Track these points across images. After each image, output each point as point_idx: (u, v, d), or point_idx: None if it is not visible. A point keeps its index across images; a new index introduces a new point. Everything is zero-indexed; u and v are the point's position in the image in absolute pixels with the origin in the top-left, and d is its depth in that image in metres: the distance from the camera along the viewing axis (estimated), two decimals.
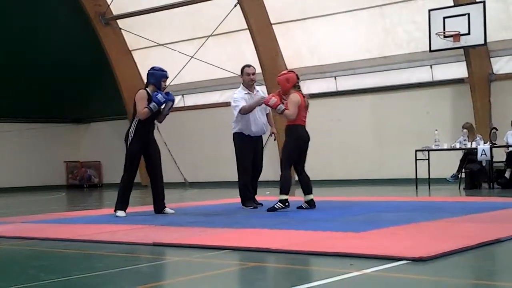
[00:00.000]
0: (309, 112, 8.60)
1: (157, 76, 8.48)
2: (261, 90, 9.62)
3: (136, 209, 9.39)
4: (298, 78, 8.53)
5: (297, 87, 8.50)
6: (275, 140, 9.85)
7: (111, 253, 5.30)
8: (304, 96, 8.48)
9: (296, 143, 8.40)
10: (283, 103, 8.34)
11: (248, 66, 9.41)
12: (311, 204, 8.48)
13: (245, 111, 9.11)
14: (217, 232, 6.32)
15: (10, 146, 21.57)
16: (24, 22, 19.73)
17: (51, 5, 20.20)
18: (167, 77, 8.60)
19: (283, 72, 8.72)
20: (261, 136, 9.44)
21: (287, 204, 8.26)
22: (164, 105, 8.50)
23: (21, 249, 5.88)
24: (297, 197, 13.00)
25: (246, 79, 9.27)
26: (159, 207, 8.61)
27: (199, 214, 8.59)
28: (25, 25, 19.77)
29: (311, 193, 8.52)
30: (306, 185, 8.54)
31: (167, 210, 8.61)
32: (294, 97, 8.34)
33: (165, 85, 8.58)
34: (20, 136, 21.96)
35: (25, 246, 6.02)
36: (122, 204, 8.45)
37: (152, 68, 8.63)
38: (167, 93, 8.55)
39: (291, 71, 8.71)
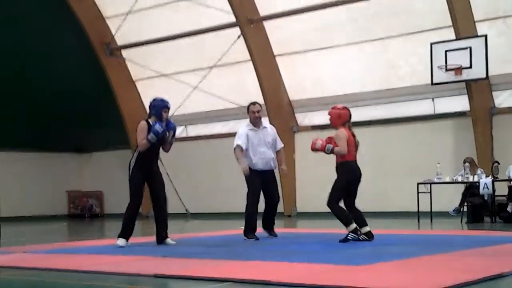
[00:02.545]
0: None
1: (158, 107, 8.51)
2: (270, 127, 9.73)
3: (138, 240, 9.37)
4: (350, 117, 8.43)
5: (346, 125, 8.35)
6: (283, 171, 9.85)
7: (113, 284, 5.29)
8: (354, 135, 8.36)
9: (346, 181, 8.31)
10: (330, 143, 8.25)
11: (254, 104, 9.58)
12: (369, 236, 8.31)
13: (237, 155, 9.31)
14: (219, 264, 6.30)
15: (12, 176, 21.48)
16: (27, 49, 19.80)
17: (55, 34, 20.32)
18: (168, 108, 8.57)
19: (338, 106, 8.50)
20: (272, 170, 9.50)
21: (359, 232, 8.18)
22: (167, 134, 8.55)
23: (21, 279, 5.86)
24: (291, 228, 12.94)
25: (252, 116, 9.47)
26: (161, 238, 8.60)
27: (201, 245, 8.57)
28: (28, 53, 19.85)
29: (366, 224, 8.36)
30: (360, 218, 8.38)
31: (169, 241, 8.59)
32: (340, 132, 8.24)
33: (167, 116, 8.57)
34: (22, 165, 21.91)
35: (25, 276, 6.00)
36: (123, 232, 8.43)
37: (154, 100, 8.67)
38: (168, 122, 8.58)
39: (345, 108, 8.50)
